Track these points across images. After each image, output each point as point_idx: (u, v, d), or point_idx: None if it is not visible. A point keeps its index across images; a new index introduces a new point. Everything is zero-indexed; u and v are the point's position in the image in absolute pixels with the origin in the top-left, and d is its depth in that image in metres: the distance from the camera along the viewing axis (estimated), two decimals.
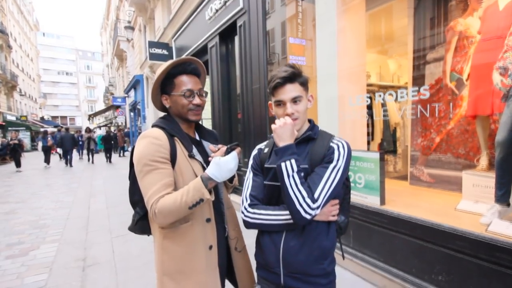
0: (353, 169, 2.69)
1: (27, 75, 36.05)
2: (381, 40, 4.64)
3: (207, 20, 5.45)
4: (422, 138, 3.10)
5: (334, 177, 1.08)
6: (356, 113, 2.97)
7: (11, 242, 4.02)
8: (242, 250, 1.36)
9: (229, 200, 1.39)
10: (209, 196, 1.08)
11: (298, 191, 1.03)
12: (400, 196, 2.84)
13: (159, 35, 9.13)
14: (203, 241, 1.18)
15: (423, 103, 2.51)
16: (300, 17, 3.88)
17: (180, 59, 1.25)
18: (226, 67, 5.29)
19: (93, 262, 3.26)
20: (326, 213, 1.11)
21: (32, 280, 2.95)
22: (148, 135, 1.17)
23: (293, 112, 1.12)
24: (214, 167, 1.11)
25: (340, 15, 3.07)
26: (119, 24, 17.26)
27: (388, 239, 2.29)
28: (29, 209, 5.82)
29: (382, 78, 4.57)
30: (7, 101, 26.07)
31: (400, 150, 4.14)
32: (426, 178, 3.10)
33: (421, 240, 2.06)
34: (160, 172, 1.11)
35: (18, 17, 33.27)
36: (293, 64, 1.14)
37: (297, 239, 1.12)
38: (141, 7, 12.01)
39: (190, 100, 1.22)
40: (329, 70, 3.09)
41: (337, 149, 1.12)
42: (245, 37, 4.22)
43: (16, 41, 30.98)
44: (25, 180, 9.79)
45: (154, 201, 1.07)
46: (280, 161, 1.06)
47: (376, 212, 2.39)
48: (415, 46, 3.10)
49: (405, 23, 3.31)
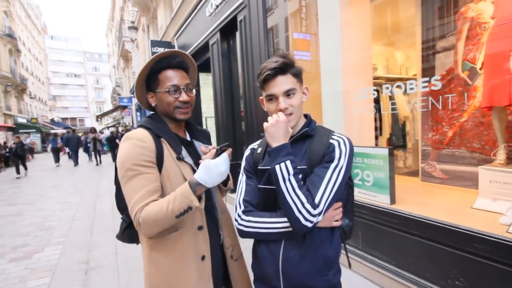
0: (360, 166, 2.56)
1: (37, 78, 36.64)
2: (388, 31, 4.46)
3: (207, 16, 5.34)
4: (434, 132, 2.94)
5: (336, 178, 0.96)
6: (362, 107, 2.83)
7: (16, 244, 4.02)
8: (239, 259, 1.25)
9: (224, 205, 1.29)
10: (197, 204, 0.97)
11: (296, 196, 0.91)
12: (411, 194, 2.69)
13: (162, 34, 9.07)
14: (195, 251, 1.08)
15: (434, 94, 2.35)
16: (304, 11, 3.76)
17: (164, 52, 1.14)
18: (228, 64, 5.18)
19: (96, 264, 3.22)
20: (328, 218, 1.00)
21: (35, 284, 2.92)
22: (132, 136, 1.06)
23: (286, 107, 1.00)
24: (203, 171, 1.00)
25: (344, 8, 2.94)
26: (124, 25, 17.30)
27: (399, 240, 2.15)
28: (36, 211, 5.85)
29: (389, 71, 4.39)
30: (18, 104, 26.53)
31: (410, 145, 3.97)
32: (438, 174, 2.95)
33: (435, 242, 1.92)
34: (145, 177, 1.01)
35: (26, 21, 33.76)
36: (284, 54, 1.02)
37: (297, 248, 1.00)
38: (144, 7, 11.97)
39: (176, 97, 1.12)
40: (333, 65, 2.96)
41: (337, 146, 1.00)
42: (246, 32, 4.10)
43: (25, 45, 31.46)
44: (35, 182, 9.90)
45: (138, 209, 0.97)
46: (274, 163, 0.95)
47: (386, 212, 2.25)
48: (423, 36, 2.94)
49: (413, 13, 3.15)
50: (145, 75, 1.15)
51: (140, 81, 1.17)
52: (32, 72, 34.20)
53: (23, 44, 30.06)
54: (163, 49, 8.49)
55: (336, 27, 2.92)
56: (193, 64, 1.26)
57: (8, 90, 22.85)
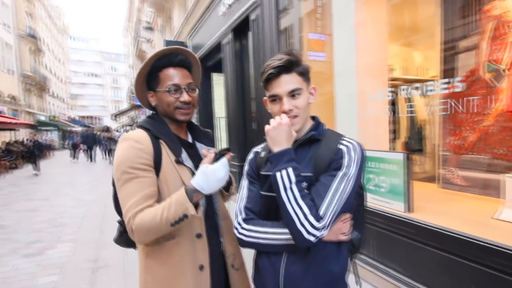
0: (374, 171, 2.44)
1: (57, 77, 37.84)
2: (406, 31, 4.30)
3: (220, 16, 5.31)
4: (454, 137, 2.78)
5: (344, 187, 0.87)
6: (377, 109, 2.70)
7: (30, 240, 4.10)
8: (240, 268, 1.18)
9: (226, 210, 1.22)
10: (193, 212, 0.91)
11: (298, 207, 0.83)
12: (428, 202, 2.55)
13: (176, 34, 9.13)
14: (192, 261, 1.02)
15: (456, 97, 2.21)
16: (320, 11, 3.67)
17: (165, 49, 1.08)
18: (240, 64, 5.12)
19: (104, 264, 3.23)
20: (335, 231, 0.91)
21: (44, 281, 2.95)
22: (129, 137, 1.01)
23: (291, 108, 0.92)
24: (200, 176, 0.94)
25: (360, 8, 2.84)
26: (140, 25, 17.60)
27: (415, 251, 2.03)
28: (51, 207, 5.99)
29: (407, 72, 4.22)
30: (39, 102, 27.45)
31: (427, 149, 3.79)
32: (458, 181, 2.78)
33: (454, 255, 1.78)
34: (141, 181, 0.96)
35: (48, 22, 34.92)
36: (290, 51, 0.95)
37: (300, 262, 0.92)
38: (160, 7, 12.11)
39: (176, 97, 1.06)
40: (347, 65, 2.86)
41: (346, 152, 0.91)
42: (258, 32, 4.03)
43: (46, 45, 32.53)
44: (51, 178, 10.18)
45: (132, 215, 0.91)
46: (275, 170, 0.87)
47: (401, 220, 2.13)
48: (444, 37, 2.79)
49: (432, 13, 3.00)
50: (145, 73, 1.10)
51: (140, 79, 1.12)
52: (53, 71, 35.34)
53: (44, 44, 31.09)
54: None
55: (351, 27, 2.83)
56: (197, 62, 1.19)
57: (30, 88, 23.67)
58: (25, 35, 23.37)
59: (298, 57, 0.94)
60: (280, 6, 3.77)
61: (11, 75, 20.61)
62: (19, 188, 8.44)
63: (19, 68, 22.11)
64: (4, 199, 6.98)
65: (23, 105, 22.31)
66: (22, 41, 22.89)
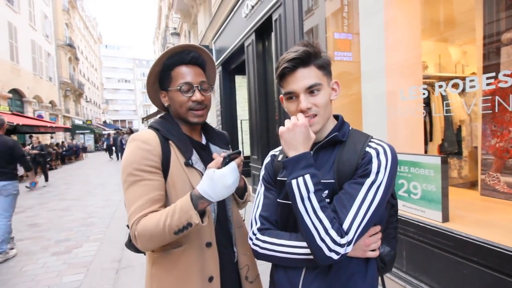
0: (406, 176, 2.24)
1: (92, 84, 40.10)
2: (441, 26, 4.01)
3: (243, 18, 5.28)
4: (498, 139, 2.50)
5: (372, 198, 0.74)
6: (409, 109, 2.50)
7: (60, 238, 4.26)
8: (255, 281, 1.09)
9: (240, 218, 1.13)
10: (198, 221, 0.82)
11: (317, 219, 0.72)
12: (468, 211, 2.31)
13: (201, 38, 9.27)
14: (201, 271, 0.94)
15: (502, 94, 1.97)
16: (346, 10, 3.54)
17: (177, 47, 1.02)
18: (262, 66, 5.05)
19: (127, 264, 3.26)
20: (362, 247, 0.79)
21: (70, 279, 3.02)
22: (136, 137, 0.96)
23: (309, 107, 0.81)
24: (206, 182, 0.85)
25: (390, 4, 2.66)
26: (168, 31, 18.15)
27: (453, 266, 1.81)
28: (82, 207, 6.24)
29: (442, 69, 3.92)
30: (75, 107, 29.18)
31: (466, 152, 3.48)
32: (503, 188, 2.50)
33: (499, 272, 1.56)
34: (146, 184, 0.89)
35: (84, 32, 37.16)
36: (308, 42, 0.83)
37: (321, 280, 0.81)
38: (186, 13, 12.40)
39: (188, 96, 0.99)
40: (375, 65, 2.70)
41: (376, 156, 0.78)
42: (281, 31, 3.94)
43: (83, 54, 34.60)
44: (84, 179, 10.68)
45: (135, 221, 0.85)
46: (290, 178, 0.76)
47: (436, 231, 1.92)
48: (485, 30, 2.54)
49: (471, 6, 2.76)
50: (157, 72, 1.05)
51: (152, 79, 1.06)
52: (89, 78, 37.50)
53: (81, 53, 33.07)
54: None
55: (380, 25, 2.67)
56: (211, 59, 1.12)
57: (68, 94, 25.23)
58: (64, 45, 24.98)
59: (317, 48, 0.83)
60: (305, 7, 3.66)
61: (51, 82, 22.09)
62: (54, 188, 8.92)
63: (58, 75, 23.66)
64: (40, 198, 7.39)
65: (61, 110, 23.80)
66: (61, 50, 24.49)
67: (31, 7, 18.89)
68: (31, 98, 17.63)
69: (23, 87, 16.60)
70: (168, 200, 0.93)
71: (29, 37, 18.12)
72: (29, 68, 17.83)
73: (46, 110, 20.08)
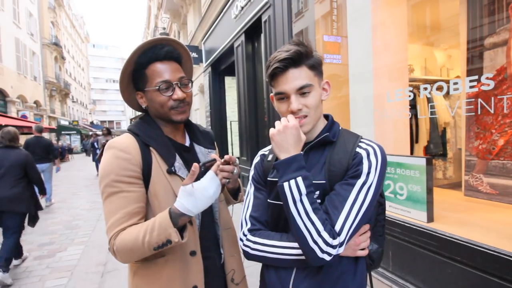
0: (393, 177, 2.27)
1: (79, 84, 39.28)
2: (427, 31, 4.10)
3: (233, 19, 5.28)
4: (481, 140, 2.57)
5: (363, 198, 0.75)
6: (396, 111, 2.54)
7: (43, 242, 4.14)
8: (241, 282, 1.07)
9: (228, 219, 1.11)
10: (177, 239, 0.80)
11: (310, 222, 0.72)
12: (452, 211, 2.35)
13: (190, 39, 9.22)
14: (184, 282, 0.91)
15: (484, 97, 2.03)
16: (335, 13, 3.58)
17: (148, 41, 0.94)
18: (252, 67, 5.05)
19: (112, 267, 3.19)
20: (352, 246, 0.80)
21: (53, 284, 2.93)
22: (114, 145, 0.90)
23: (300, 108, 0.81)
24: (185, 199, 0.81)
25: (377, 8, 2.71)
26: (157, 32, 17.97)
27: (437, 266, 1.85)
28: (67, 209, 6.08)
29: (428, 72, 4.00)
30: (61, 107, 28.51)
31: (450, 154, 3.56)
32: (485, 188, 2.56)
33: (483, 271, 1.60)
34: (125, 196, 0.85)
35: (71, 30, 36.39)
36: (299, 41, 0.82)
37: (311, 278, 0.81)
38: (175, 13, 12.32)
39: (169, 95, 0.93)
40: (363, 68, 2.73)
41: (366, 157, 0.79)
42: (270, 33, 3.95)
43: (69, 53, 33.86)
44: (69, 181, 10.43)
45: (113, 235, 0.82)
46: (282, 180, 0.75)
47: (421, 231, 1.95)
48: (469, 35, 2.61)
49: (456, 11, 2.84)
50: (130, 72, 0.97)
51: (125, 80, 0.98)
52: (75, 77, 36.71)
53: (67, 52, 32.35)
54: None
55: (368, 29, 2.71)
56: (186, 51, 1.05)
57: (53, 94, 24.61)
58: (50, 44, 24.38)
59: (309, 47, 0.82)
60: (295, 9, 3.68)
61: (36, 82, 21.52)
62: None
63: (43, 74, 23.08)
64: None
65: (46, 110, 23.20)
66: (46, 49, 23.89)
67: (15, 4, 18.38)
68: (15, 97, 17.12)
69: (7, 87, 16.10)
70: (150, 210, 0.90)
71: (13, 35, 17.62)
72: (13, 67, 17.32)
73: (31, 110, 19.54)
